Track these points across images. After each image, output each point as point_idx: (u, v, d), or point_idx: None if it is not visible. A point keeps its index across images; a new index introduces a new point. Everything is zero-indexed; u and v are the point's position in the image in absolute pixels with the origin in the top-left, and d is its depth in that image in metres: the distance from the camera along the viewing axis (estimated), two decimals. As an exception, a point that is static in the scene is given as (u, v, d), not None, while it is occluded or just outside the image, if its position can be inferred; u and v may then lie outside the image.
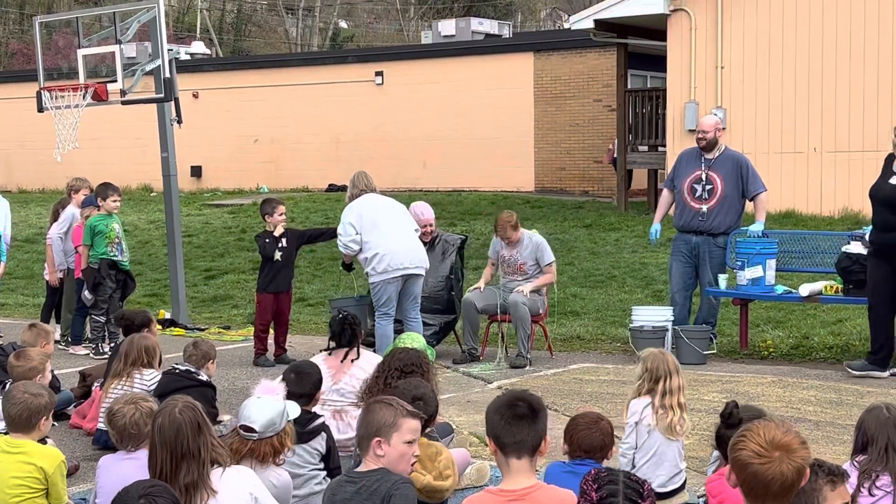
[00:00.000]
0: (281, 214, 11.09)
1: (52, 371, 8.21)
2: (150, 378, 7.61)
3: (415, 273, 10.22)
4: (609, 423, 5.26)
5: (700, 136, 11.24)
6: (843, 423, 8.00)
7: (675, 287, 11.41)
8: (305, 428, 6.26)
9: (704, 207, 11.11)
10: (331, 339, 7.35)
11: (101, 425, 7.50)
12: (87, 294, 11.53)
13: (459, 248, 11.49)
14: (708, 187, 11.13)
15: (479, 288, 11.03)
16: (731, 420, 5.13)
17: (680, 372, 6.24)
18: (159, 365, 7.80)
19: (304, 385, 6.32)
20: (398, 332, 10.07)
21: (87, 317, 11.80)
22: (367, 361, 7.17)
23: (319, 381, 6.43)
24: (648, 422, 6.04)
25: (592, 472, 4.00)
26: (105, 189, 11.78)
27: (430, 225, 11.33)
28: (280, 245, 10.95)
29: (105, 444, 7.25)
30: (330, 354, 7.27)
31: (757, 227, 11.00)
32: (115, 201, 11.70)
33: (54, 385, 8.02)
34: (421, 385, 5.96)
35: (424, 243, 11.23)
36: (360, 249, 10.15)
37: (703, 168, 11.18)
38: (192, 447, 4.60)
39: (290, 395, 6.28)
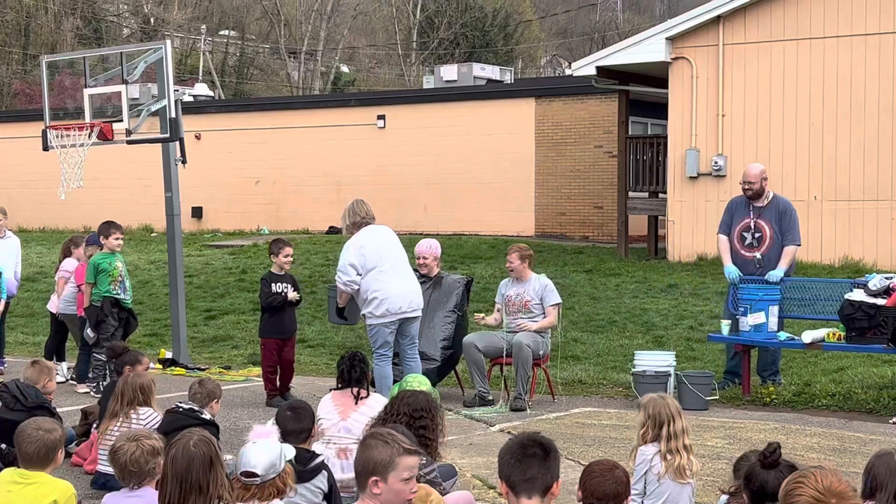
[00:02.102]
0: (286, 256, 11.11)
1: (54, 409, 8.19)
2: (146, 417, 7.58)
3: (412, 316, 10.20)
4: (625, 471, 5.22)
5: (746, 187, 11.30)
6: (846, 471, 7.96)
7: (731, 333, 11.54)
8: (307, 466, 6.24)
9: (758, 255, 11.17)
10: (339, 378, 7.36)
11: (101, 467, 7.48)
12: (89, 332, 11.53)
13: (466, 287, 11.48)
14: (757, 235, 11.20)
15: (483, 317, 11.02)
16: (772, 458, 4.98)
17: (682, 415, 6.23)
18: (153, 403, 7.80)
19: (302, 420, 6.34)
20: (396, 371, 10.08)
21: (91, 355, 11.81)
22: (377, 401, 7.17)
23: (314, 415, 6.48)
24: (658, 470, 6.02)
25: None
26: (108, 227, 11.81)
27: (424, 257, 11.34)
28: (283, 290, 10.96)
29: (103, 485, 7.24)
30: (338, 391, 7.27)
31: (777, 272, 11.02)
32: (117, 239, 11.72)
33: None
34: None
35: (429, 278, 11.24)
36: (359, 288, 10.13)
37: (751, 216, 11.26)
38: (202, 481, 4.58)
39: (289, 432, 6.29)
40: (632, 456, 6.23)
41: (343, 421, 7.12)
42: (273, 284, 11.00)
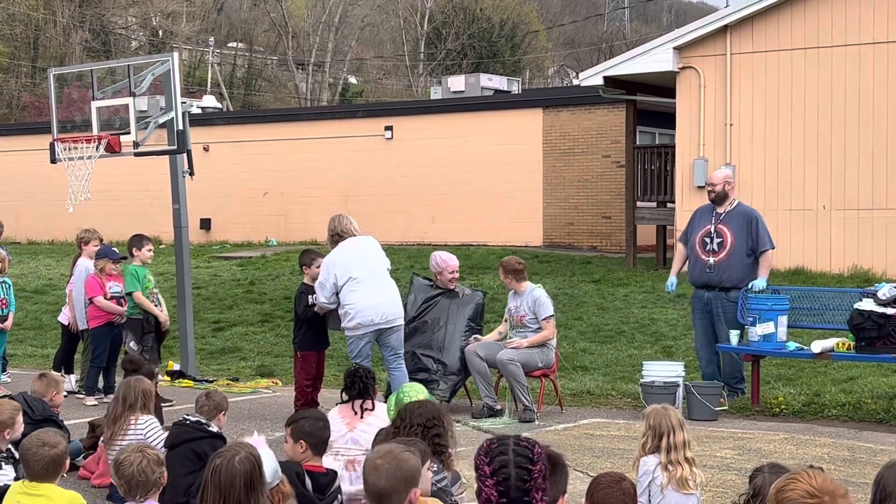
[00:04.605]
0: (318, 267, 10.92)
1: (61, 421, 8.19)
2: (144, 424, 7.57)
3: (387, 327, 10.14)
4: (632, 484, 5.18)
5: (709, 188, 11.45)
6: (856, 481, 7.91)
7: (698, 344, 11.52)
8: (325, 494, 6.16)
9: (712, 260, 11.18)
10: (343, 391, 7.37)
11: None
12: (133, 345, 11.51)
13: (480, 302, 11.43)
14: (718, 240, 11.20)
15: (477, 338, 10.98)
16: None
17: (684, 427, 6.18)
18: (153, 410, 7.82)
19: (326, 430, 6.34)
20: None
21: (101, 368, 11.81)
22: (383, 412, 7.17)
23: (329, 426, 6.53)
24: (661, 481, 5.99)
25: (484, 444, 3.98)
26: (140, 240, 11.88)
27: (456, 271, 11.34)
28: (314, 302, 10.79)
29: (121, 499, 7.20)
30: (352, 409, 7.27)
31: (760, 282, 11.01)
32: (149, 251, 11.84)
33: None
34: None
35: (450, 290, 11.22)
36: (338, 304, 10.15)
37: (713, 222, 11.26)
38: (243, 501, 4.55)
39: (324, 442, 6.26)
40: (634, 467, 6.20)
41: (350, 432, 7.12)
42: (310, 297, 10.73)
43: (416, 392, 7.41)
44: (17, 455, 6.73)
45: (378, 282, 10.17)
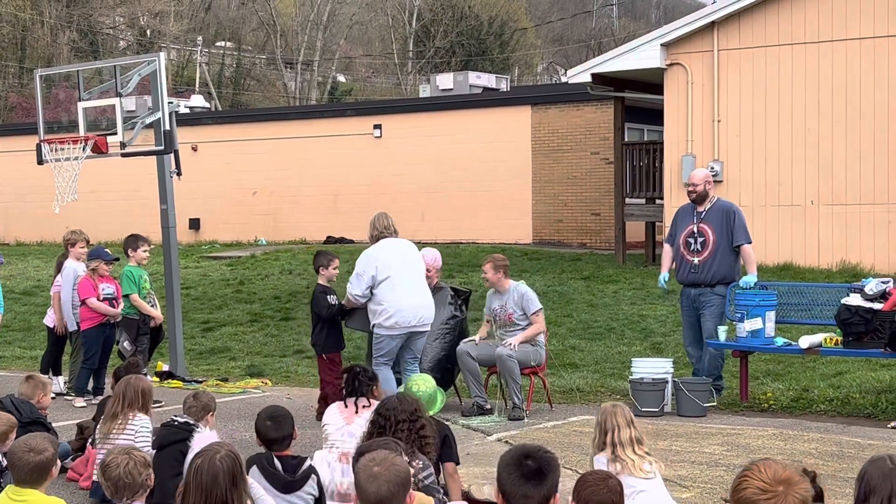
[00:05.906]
0: (335, 268, 10.75)
1: (49, 423, 8.17)
2: (139, 424, 7.55)
3: (420, 330, 10.22)
4: (619, 481, 5.20)
5: (690, 188, 11.42)
6: (844, 476, 7.94)
7: (687, 341, 11.53)
8: (295, 474, 6.22)
9: (696, 260, 11.21)
10: (342, 390, 7.40)
11: (97, 477, 7.44)
12: (126, 345, 11.48)
13: (465, 300, 11.38)
14: (700, 240, 11.23)
15: (473, 340, 10.95)
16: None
17: (633, 425, 6.27)
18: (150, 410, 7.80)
19: (283, 427, 6.36)
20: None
21: (92, 370, 11.77)
22: None
23: (293, 420, 6.53)
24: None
25: None
26: (136, 240, 11.86)
27: (427, 269, 11.20)
28: (333, 302, 10.65)
29: (102, 497, 7.18)
30: (345, 405, 7.30)
31: (750, 279, 11.02)
32: (145, 251, 11.82)
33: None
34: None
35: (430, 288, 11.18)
36: (369, 300, 10.13)
37: (694, 222, 11.29)
38: (227, 497, 4.58)
39: (272, 441, 6.30)
40: (591, 464, 6.29)
41: (348, 426, 7.14)
42: (328, 297, 10.58)
43: (422, 381, 7.37)
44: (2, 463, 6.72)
45: (417, 284, 10.23)
